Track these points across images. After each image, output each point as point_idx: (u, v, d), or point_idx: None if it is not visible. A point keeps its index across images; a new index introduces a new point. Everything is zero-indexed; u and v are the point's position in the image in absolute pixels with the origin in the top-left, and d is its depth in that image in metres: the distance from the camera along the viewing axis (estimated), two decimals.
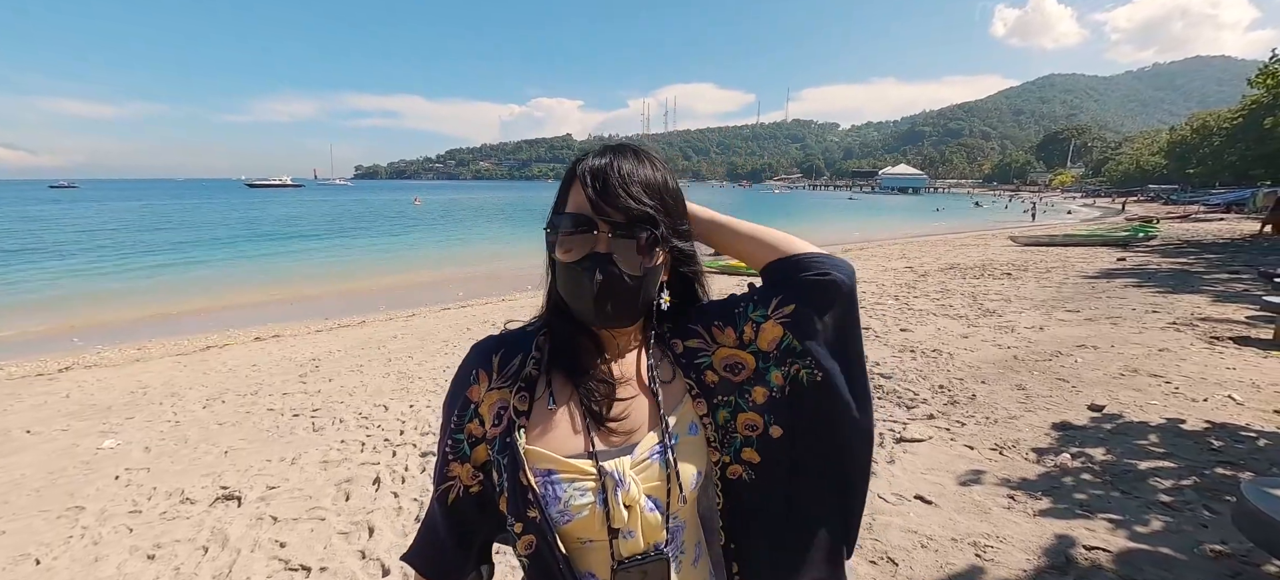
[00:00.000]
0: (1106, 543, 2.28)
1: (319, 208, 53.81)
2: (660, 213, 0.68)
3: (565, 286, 0.69)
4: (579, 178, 0.68)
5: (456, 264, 17.32)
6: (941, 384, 4.34)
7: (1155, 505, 2.54)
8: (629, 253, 0.66)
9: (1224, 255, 12.09)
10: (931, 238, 22.08)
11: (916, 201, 77.38)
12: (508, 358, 0.72)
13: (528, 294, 10.93)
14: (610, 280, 0.65)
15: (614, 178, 0.66)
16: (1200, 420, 3.41)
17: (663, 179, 0.70)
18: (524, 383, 0.70)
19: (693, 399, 0.75)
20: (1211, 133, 49.58)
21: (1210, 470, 2.80)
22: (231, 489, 3.17)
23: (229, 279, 14.57)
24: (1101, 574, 2.11)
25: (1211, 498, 2.56)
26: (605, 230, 0.65)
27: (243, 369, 5.94)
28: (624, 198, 0.65)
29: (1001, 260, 12.31)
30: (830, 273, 0.72)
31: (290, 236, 26.38)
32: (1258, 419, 3.41)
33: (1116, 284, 8.63)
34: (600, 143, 0.73)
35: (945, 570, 2.18)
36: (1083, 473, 2.87)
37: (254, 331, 8.22)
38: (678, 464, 0.70)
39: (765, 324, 0.73)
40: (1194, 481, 2.70)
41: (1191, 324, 5.81)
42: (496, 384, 0.71)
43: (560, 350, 0.73)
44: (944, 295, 8.23)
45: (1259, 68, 13.15)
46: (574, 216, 0.67)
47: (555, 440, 0.68)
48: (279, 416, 4.37)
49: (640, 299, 0.69)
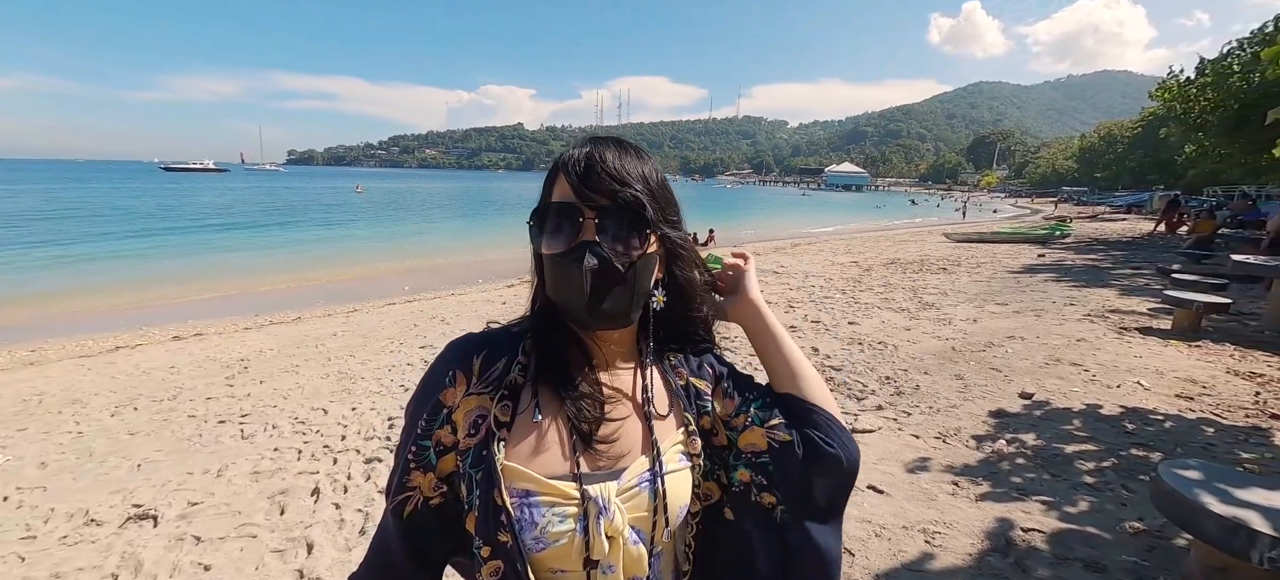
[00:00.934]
0: (1041, 524, 2.43)
1: (247, 195, 50.12)
2: (648, 198, 0.65)
3: (554, 282, 0.65)
4: (563, 168, 0.64)
5: (403, 256, 16.55)
6: (888, 375, 4.52)
7: (1081, 486, 2.73)
8: (618, 238, 0.63)
9: (1127, 252, 13.33)
10: (873, 233, 23.14)
11: (860, 198, 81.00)
12: (491, 360, 0.66)
13: (479, 287, 10.59)
14: (602, 268, 0.61)
15: (598, 164, 0.63)
16: (1115, 405, 3.71)
17: (650, 169, 0.67)
18: (507, 390, 0.64)
19: (688, 434, 0.71)
20: (1116, 141, 54.52)
21: (1126, 452, 3.05)
22: (146, 507, 2.86)
23: (142, 272, 13.28)
24: (1038, 554, 2.24)
25: (1128, 478, 2.78)
26: (591, 216, 0.62)
27: (159, 371, 5.41)
28: (609, 182, 0.62)
29: (937, 255, 13.04)
30: (835, 447, 0.70)
31: (214, 226, 24.38)
32: (1162, 403, 3.75)
33: (1038, 279, 9.32)
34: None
35: (899, 558, 2.25)
36: (1017, 457, 3.06)
37: (172, 329, 7.53)
38: (667, 494, 0.65)
39: (755, 429, 0.71)
40: (1113, 463, 2.93)
41: (1103, 316, 6.34)
42: (476, 388, 0.65)
43: (548, 358, 0.67)
44: (887, 289, 8.62)
45: (1158, 83, 14.45)
46: (558, 205, 0.63)
47: (537, 458, 0.62)
48: (202, 423, 4.01)
49: (635, 292, 0.65)
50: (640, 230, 0.64)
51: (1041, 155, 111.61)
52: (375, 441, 3.55)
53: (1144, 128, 43.51)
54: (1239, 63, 12.71)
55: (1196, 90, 13.70)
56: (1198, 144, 14.96)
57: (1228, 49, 13.67)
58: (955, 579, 2.13)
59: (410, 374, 4.97)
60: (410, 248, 18.88)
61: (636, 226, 0.64)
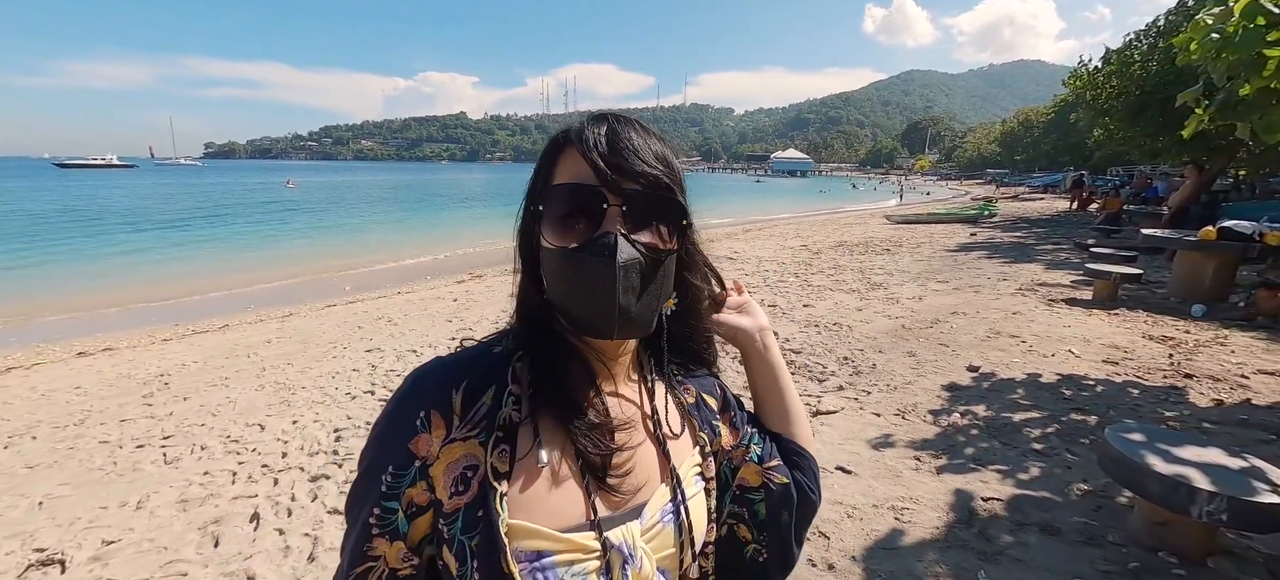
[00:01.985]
0: (998, 492, 2.54)
1: (158, 192, 45.85)
2: (677, 185, 0.56)
3: (565, 283, 0.53)
4: (576, 143, 0.54)
5: (342, 254, 15.58)
6: (845, 356, 4.64)
7: (1030, 452, 2.89)
8: (647, 230, 0.53)
9: (1047, 229, 14.41)
10: (819, 217, 23.93)
11: (805, 183, 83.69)
12: (474, 393, 0.54)
13: (427, 284, 10.13)
14: (636, 265, 0.51)
15: (623, 140, 0.53)
16: (1052, 373, 3.96)
17: (671, 155, 0.58)
18: (502, 432, 0.53)
19: (703, 456, 0.64)
20: (1032, 126, 58.75)
21: (1067, 417, 3.25)
22: (51, 551, 2.51)
23: (37, 282, 11.87)
24: (999, 522, 2.34)
25: (1071, 442, 2.96)
26: (618, 202, 0.52)
27: (61, 393, 4.82)
28: (638, 162, 0.52)
29: (880, 237, 13.62)
30: (815, 496, 0.71)
31: (124, 228, 22.14)
32: (1092, 369, 4.03)
33: (973, 256, 9.90)
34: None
35: (871, 537, 2.29)
36: (971, 429, 3.20)
37: (76, 345, 6.74)
38: (692, 525, 0.59)
39: (752, 466, 0.68)
40: (1056, 429, 3.12)
41: (1033, 289, 6.80)
42: (460, 433, 0.52)
43: (548, 382, 0.56)
44: (837, 271, 8.90)
45: (1070, 72, 15.62)
46: (573, 188, 0.52)
47: (547, 509, 0.52)
48: (116, 449, 3.59)
49: (663, 293, 0.57)
50: (672, 221, 0.55)
51: (968, 140, 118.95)
52: (320, 457, 3.29)
53: (1056, 113, 47.15)
54: (1139, 53, 13.89)
55: (1103, 78, 14.89)
56: (1104, 128, 16.30)
57: (1129, 39, 14.92)
58: (926, 553, 2.18)
59: (356, 380, 4.66)
60: (350, 245, 17.82)
61: (668, 216, 0.55)
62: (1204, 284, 5.97)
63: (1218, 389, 3.61)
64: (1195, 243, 6.12)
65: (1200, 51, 3.09)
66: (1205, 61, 3.11)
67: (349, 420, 3.81)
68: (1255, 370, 3.91)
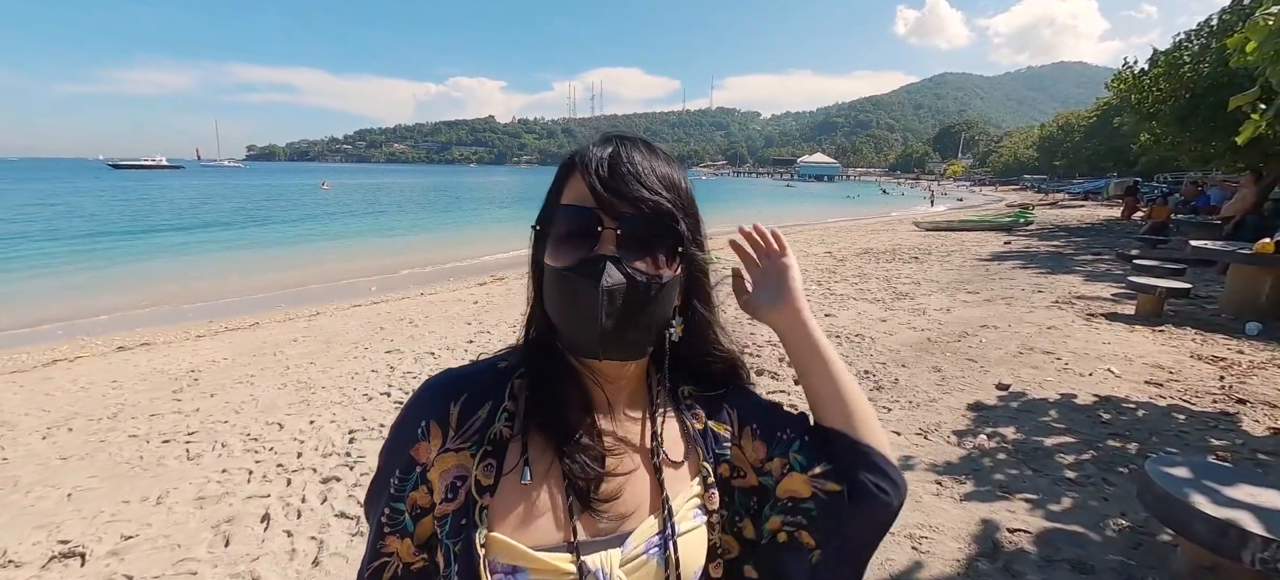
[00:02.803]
0: (1026, 523, 2.39)
1: (204, 192, 47.95)
2: (679, 211, 0.56)
3: (557, 302, 0.55)
4: (579, 166, 0.55)
5: (370, 255, 16.00)
6: (867, 369, 4.48)
7: (1063, 481, 2.71)
8: (644, 255, 0.54)
9: (1087, 238, 13.78)
10: (845, 223, 23.45)
11: (833, 188, 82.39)
12: (470, 407, 0.57)
13: (449, 286, 10.27)
14: (620, 290, 0.51)
15: (624, 164, 0.54)
16: (1089, 394, 3.74)
17: (681, 177, 0.58)
18: (491, 446, 0.56)
19: (705, 487, 0.62)
20: (1073, 130, 56.53)
21: (1104, 444, 3.05)
22: (73, 543, 2.59)
23: (83, 276, 12.49)
24: (1025, 556, 2.20)
25: (1108, 471, 2.77)
26: (612, 226, 0.53)
27: (99, 387, 5.02)
28: (636, 187, 0.53)
29: (908, 244, 13.24)
30: (889, 492, 0.60)
31: (168, 226, 23.20)
32: (1134, 391, 3.79)
33: (1006, 266, 9.52)
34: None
35: (887, 568, 2.18)
36: (998, 452, 3.03)
37: (117, 339, 7.04)
38: (681, 562, 0.56)
39: (796, 476, 0.61)
40: (1092, 456, 2.93)
41: (1070, 302, 6.47)
42: (454, 443, 0.56)
43: (541, 400, 0.58)
44: (861, 279, 8.66)
45: (1114, 74, 14.94)
46: (572, 209, 0.54)
47: (526, 527, 0.54)
48: (144, 444, 3.70)
49: (656, 319, 0.56)
50: (670, 247, 0.55)
51: (1004, 144, 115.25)
52: (333, 458, 3.33)
53: (1099, 117, 45.26)
54: (1189, 54, 13.19)
55: (1150, 80, 14.19)
56: (1151, 132, 15.54)
57: (1178, 40, 14.19)
58: None
59: (374, 381, 4.72)
60: (378, 246, 18.29)
61: (666, 242, 0.55)
62: (1260, 300, 5.58)
63: (1275, 416, 3.34)
64: (1251, 256, 5.73)
65: (1258, 53, 2.87)
66: (1262, 63, 2.89)
67: (364, 422, 3.85)
68: None
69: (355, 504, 2.81)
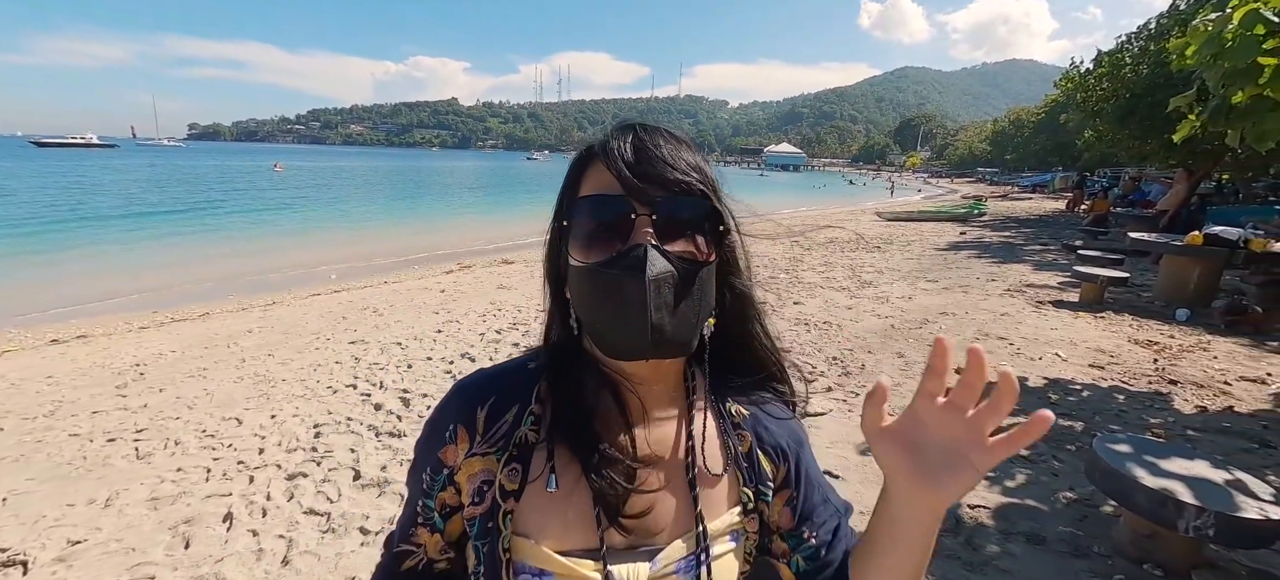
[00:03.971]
0: (985, 500, 2.53)
1: (142, 173, 44.87)
2: (712, 191, 0.53)
3: (594, 302, 0.51)
4: (601, 154, 0.52)
5: (329, 242, 15.35)
6: (835, 356, 4.62)
7: (1016, 459, 2.87)
8: (681, 241, 0.51)
9: (1035, 229, 14.53)
10: (811, 212, 23.96)
11: (800, 178, 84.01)
12: (498, 411, 0.56)
13: (415, 273, 9.99)
14: (668, 278, 0.47)
15: (650, 148, 0.51)
16: (1039, 377, 3.97)
17: (703, 158, 0.56)
18: (516, 451, 0.55)
19: (745, 514, 0.58)
20: (1023, 125, 59.21)
21: (1053, 423, 3.24)
22: (12, 551, 2.42)
23: (11, 264, 11.55)
24: (985, 530, 2.33)
25: (1057, 449, 2.96)
26: (646, 212, 0.49)
27: (32, 383, 4.67)
28: (667, 168, 0.50)
29: (872, 234, 13.66)
30: None
31: (102, 210, 21.63)
32: (1079, 373, 4.05)
33: (962, 255, 9.94)
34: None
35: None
36: None
37: (48, 332, 6.56)
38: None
39: (786, 571, 0.61)
40: (1043, 435, 3.11)
41: (1021, 290, 6.83)
42: (480, 447, 0.55)
43: (567, 411, 0.56)
44: (827, 268, 8.89)
45: (1062, 73, 15.70)
46: (599, 200, 0.51)
47: (553, 531, 0.53)
48: (87, 443, 3.48)
49: (702, 309, 0.52)
50: (709, 228, 0.53)
51: (960, 138, 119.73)
52: (299, 454, 3.21)
53: (1047, 114, 47.53)
54: (1130, 56, 13.98)
55: (1094, 80, 14.99)
56: (1094, 129, 16.45)
57: (1120, 42, 15.01)
58: None
59: (339, 373, 4.57)
60: (337, 232, 17.54)
61: (704, 223, 0.52)
62: (1189, 289, 6.02)
63: (1202, 395, 3.64)
64: (1181, 247, 6.17)
65: (1196, 57, 3.07)
66: (1201, 67, 3.09)
67: (329, 415, 3.73)
68: (1238, 377, 3.94)
69: (325, 501, 2.72)
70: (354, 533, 2.46)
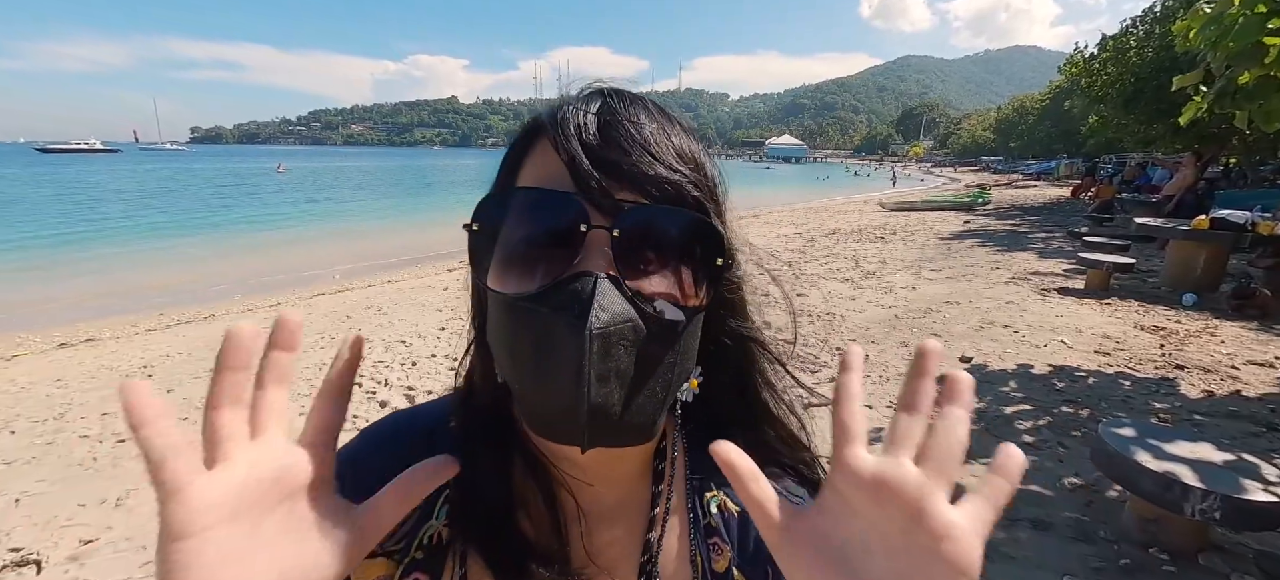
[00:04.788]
0: None
1: (145, 179, 45.10)
2: (708, 201, 0.37)
3: (511, 353, 0.35)
4: (550, 129, 0.35)
5: (332, 241, 15.43)
6: (838, 346, 4.60)
7: (1022, 445, 2.84)
8: (653, 274, 0.34)
9: (1040, 216, 14.43)
10: (814, 205, 23.88)
11: (804, 170, 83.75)
12: None
13: (417, 271, 10.02)
14: (622, 332, 0.31)
15: (623, 125, 0.34)
16: (1044, 364, 3.95)
17: (701, 148, 0.39)
18: (422, 554, 0.40)
19: None
20: (1027, 113, 58.81)
21: (1058, 410, 3.24)
22: (26, 551, 2.46)
23: (13, 268, 11.65)
24: None
25: (1063, 434, 2.95)
26: (604, 223, 0.33)
27: (42, 386, 4.72)
28: (644, 160, 0.33)
29: (874, 224, 13.59)
30: None
31: (112, 215, 21.78)
32: (1084, 360, 4.03)
33: (966, 244, 9.89)
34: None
35: None
36: None
37: (57, 335, 6.62)
38: None
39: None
40: (1048, 421, 3.11)
41: (1026, 278, 6.79)
42: (379, 547, 0.37)
43: (479, 512, 0.40)
44: (830, 259, 8.87)
45: (1066, 58, 15.54)
46: (537, 196, 0.35)
47: None
48: (97, 444, 3.51)
49: (674, 378, 0.36)
50: (699, 259, 0.36)
51: (963, 127, 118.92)
52: None
53: (1051, 100, 47.17)
54: (1134, 39, 13.83)
55: (1098, 65, 14.85)
56: (1098, 115, 16.31)
57: (1125, 26, 14.85)
58: None
59: None
60: (340, 231, 17.63)
61: (692, 251, 0.35)
62: (1196, 273, 5.97)
63: (1208, 380, 3.62)
64: (1188, 232, 6.12)
65: (1199, 38, 3.03)
66: (1204, 49, 3.06)
67: None
68: (1245, 361, 3.92)
69: None
70: None
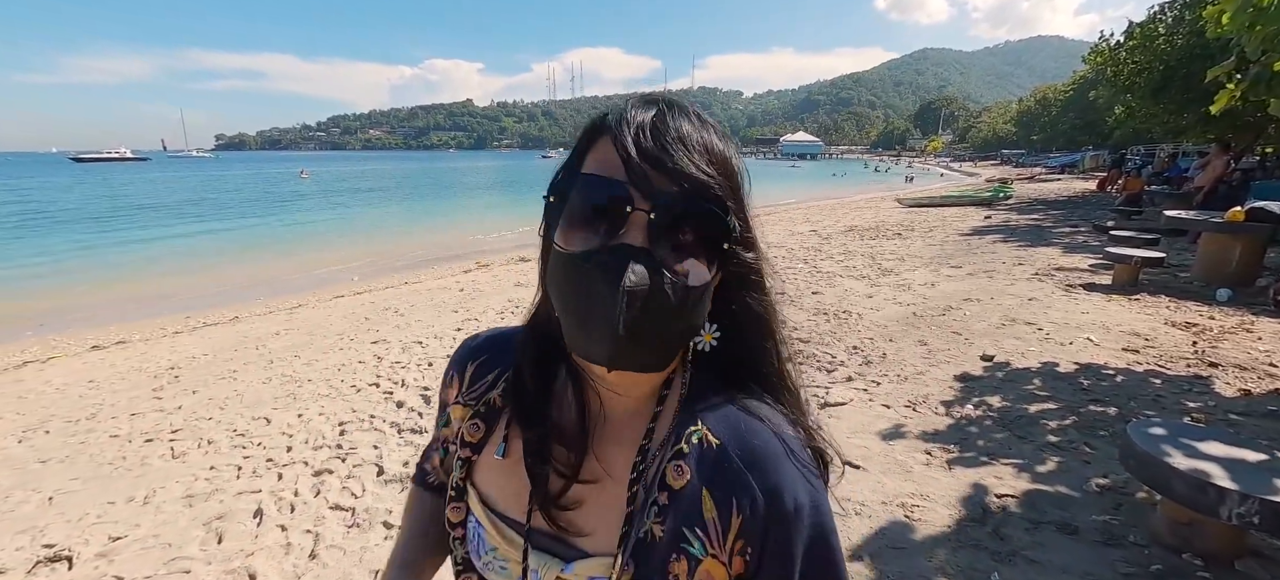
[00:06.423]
0: (1013, 488, 2.46)
1: (175, 186, 46.40)
2: (727, 197, 0.46)
3: (564, 293, 0.46)
4: (610, 129, 0.46)
5: (352, 243, 15.69)
6: (855, 345, 4.54)
7: (1047, 446, 2.79)
8: (678, 250, 0.45)
9: (1064, 210, 14.06)
10: (829, 201, 23.59)
11: (821, 167, 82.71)
12: (484, 369, 0.61)
13: (433, 272, 10.13)
14: (645, 294, 0.42)
15: (670, 134, 0.45)
16: (1070, 362, 3.84)
17: (732, 154, 0.49)
18: (484, 410, 0.59)
19: (679, 558, 0.49)
20: (1050, 104, 57.25)
21: (1084, 409, 3.14)
22: (59, 547, 2.53)
23: (50, 273, 12.07)
24: (1013, 519, 2.26)
25: (1089, 435, 2.86)
26: (645, 207, 0.43)
27: (75, 387, 4.88)
28: (682, 159, 0.44)
29: (892, 221, 13.37)
30: None
31: (138, 223, 22.45)
32: (1112, 358, 3.90)
33: (987, 240, 9.67)
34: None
35: (880, 535, 2.22)
36: (985, 420, 3.10)
37: (90, 337, 6.84)
38: None
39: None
40: (1074, 421, 3.02)
41: (1050, 274, 6.61)
42: (463, 397, 0.61)
43: (523, 399, 0.56)
44: (847, 256, 8.74)
45: (1090, 48, 15.09)
46: (596, 181, 0.45)
47: (497, 487, 0.57)
48: (126, 444, 3.62)
49: (685, 330, 0.47)
50: (711, 242, 0.46)
51: (983, 120, 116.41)
52: (324, 451, 3.28)
53: (1075, 91, 45.88)
54: (1163, 26, 13.38)
55: (1125, 54, 14.39)
56: (1125, 105, 15.81)
57: (1153, 12, 14.37)
58: (937, 552, 2.12)
59: (361, 373, 4.66)
60: (360, 234, 17.93)
61: (706, 235, 0.45)
62: (1230, 267, 5.76)
63: (1245, 378, 3.48)
64: (1221, 224, 5.90)
65: (1232, 23, 2.91)
66: (1238, 34, 2.94)
67: (354, 413, 3.81)
68: None
69: (349, 496, 2.78)
70: (378, 527, 2.51)
